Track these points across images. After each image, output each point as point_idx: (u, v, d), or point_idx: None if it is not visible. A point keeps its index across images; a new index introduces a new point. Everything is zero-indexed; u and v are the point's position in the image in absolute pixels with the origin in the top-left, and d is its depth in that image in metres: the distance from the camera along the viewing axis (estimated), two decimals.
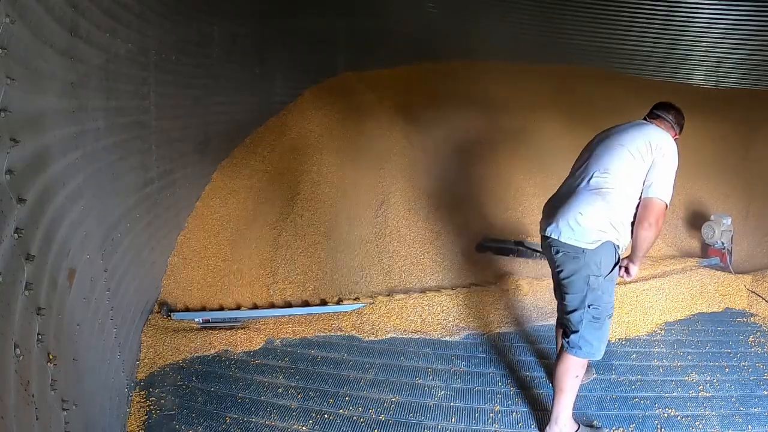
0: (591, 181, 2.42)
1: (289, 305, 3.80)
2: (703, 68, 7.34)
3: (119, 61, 2.75)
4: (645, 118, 2.70)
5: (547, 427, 2.57)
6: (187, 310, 3.66)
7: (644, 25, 7.40)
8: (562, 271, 2.43)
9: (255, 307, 3.76)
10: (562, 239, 2.37)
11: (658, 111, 2.69)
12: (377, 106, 5.87)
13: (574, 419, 2.58)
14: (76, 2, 2.15)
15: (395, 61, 7.13)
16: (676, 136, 2.65)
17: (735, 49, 7.19)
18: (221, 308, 3.73)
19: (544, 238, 2.51)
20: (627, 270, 2.54)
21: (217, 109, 4.58)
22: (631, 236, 2.45)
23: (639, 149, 2.42)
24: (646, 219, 2.35)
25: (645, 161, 2.40)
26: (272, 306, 3.78)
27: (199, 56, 4.16)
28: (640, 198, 2.41)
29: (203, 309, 3.69)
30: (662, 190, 2.36)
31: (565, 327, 2.50)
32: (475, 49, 7.21)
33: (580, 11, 7.49)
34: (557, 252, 2.43)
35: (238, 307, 3.74)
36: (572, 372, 2.45)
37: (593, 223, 2.33)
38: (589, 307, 2.37)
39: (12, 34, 1.56)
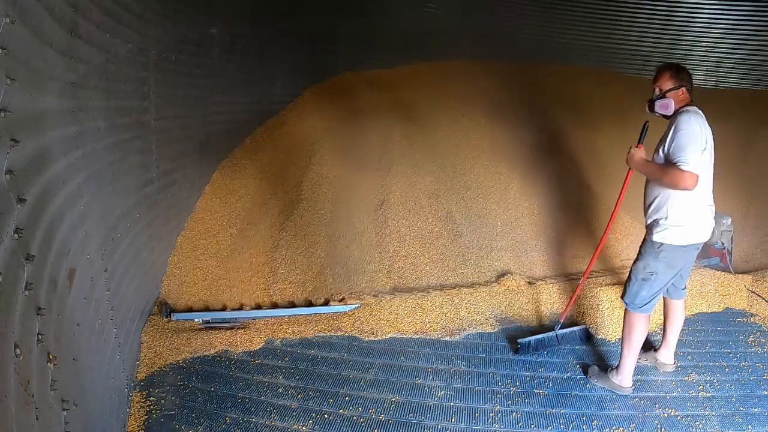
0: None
1: (289, 305, 3.80)
2: (703, 68, 7.34)
3: (119, 61, 2.74)
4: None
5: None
6: (187, 310, 3.66)
7: (644, 25, 7.40)
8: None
9: (255, 307, 3.76)
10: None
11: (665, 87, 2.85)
12: (377, 106, 5.87)
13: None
14: (76, 2, 2.15)
15: (395, 61, 7.13)
16: (684, 94, 2.81)
17: (735, 49, 7.20)
18: (221, 308, 3.72)
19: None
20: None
21: (217, 109, 4.57)
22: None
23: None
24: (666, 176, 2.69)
25: None
26: (272, 306, 3.78)
27: (199, 56, 4.15)
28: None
29: (203, 309, 3.69)
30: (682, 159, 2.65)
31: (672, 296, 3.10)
32: (475, 49, 7.21)
33: (580, 11, 7.49)
34: (700, 248, 2.92)
35: (239, 308, 3.74)
36: None
37: None
38: None
39: (12, 34, 1.56)
